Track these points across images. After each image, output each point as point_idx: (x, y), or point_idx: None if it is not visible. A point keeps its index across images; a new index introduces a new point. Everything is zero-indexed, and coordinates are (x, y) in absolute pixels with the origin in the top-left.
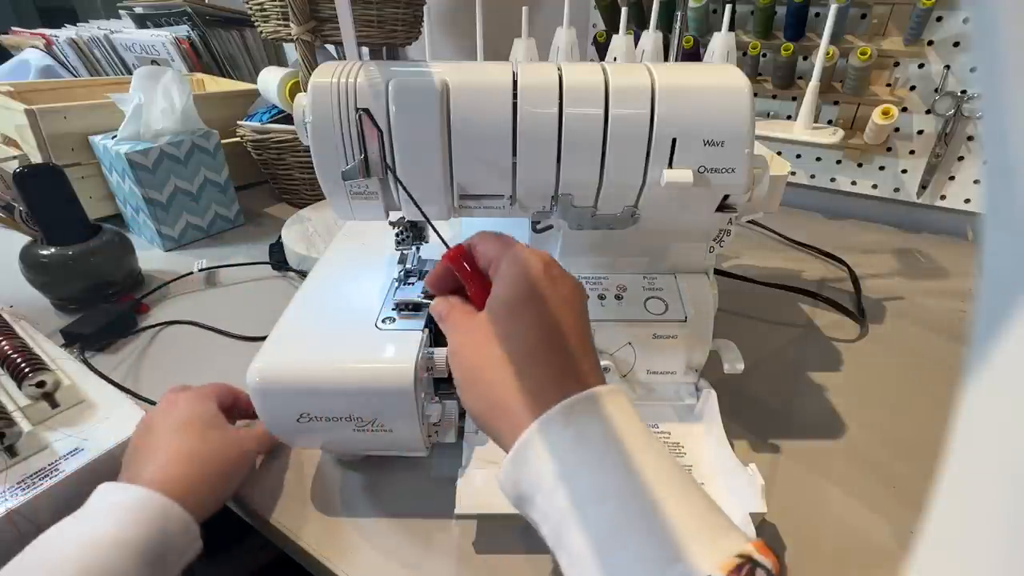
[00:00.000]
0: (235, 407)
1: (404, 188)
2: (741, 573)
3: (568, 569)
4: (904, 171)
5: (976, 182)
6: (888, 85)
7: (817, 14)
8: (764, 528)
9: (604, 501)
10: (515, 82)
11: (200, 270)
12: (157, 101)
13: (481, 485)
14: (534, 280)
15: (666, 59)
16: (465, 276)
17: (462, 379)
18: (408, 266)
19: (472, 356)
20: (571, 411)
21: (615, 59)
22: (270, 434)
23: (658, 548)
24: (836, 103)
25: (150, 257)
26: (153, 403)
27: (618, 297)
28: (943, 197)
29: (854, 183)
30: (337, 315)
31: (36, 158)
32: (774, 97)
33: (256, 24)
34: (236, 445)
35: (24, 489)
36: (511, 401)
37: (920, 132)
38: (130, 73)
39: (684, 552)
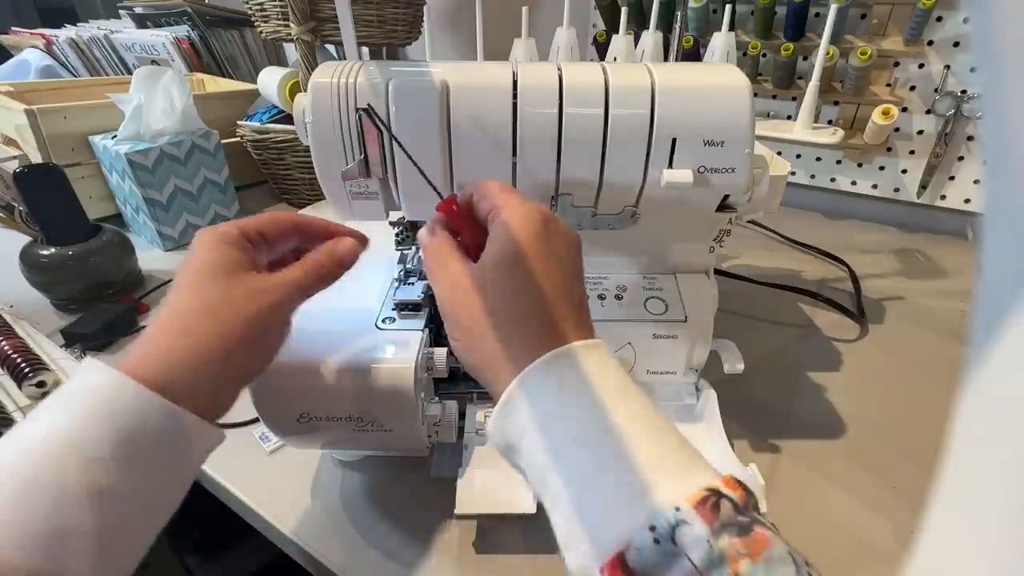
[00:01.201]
0: (276, 239)
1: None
2: (707, 504)
3: (551, 511)
4: (904, 171)
5: (976, 182)
6: (888, 85)
7: (817, 14)
8: None
9: (581, 445)
10: (515, 82)
11: None
12: (157, 101)
13: (481, 485)
14: (529, 241)
15: (666, 59)
16: (458, 225)
17: (452, 332)
18: (408, 266)
19: (461, 312)
20: (551, 365)
21: (615, 59)
22: (308, 275)
23: (631, 484)
24: (836, 103)
25: (150, 257)
26: None
27: (618, 297)
28: (943, 197)
29: (854, 183)
30: (337, 315)
31: (36, 158)
32: (774, 97)
33: (256, 24)
34: (251, 298)
35: None
36: (499, 359)
37: (920, 132)
38: (130, 73)
39: (655, 487)
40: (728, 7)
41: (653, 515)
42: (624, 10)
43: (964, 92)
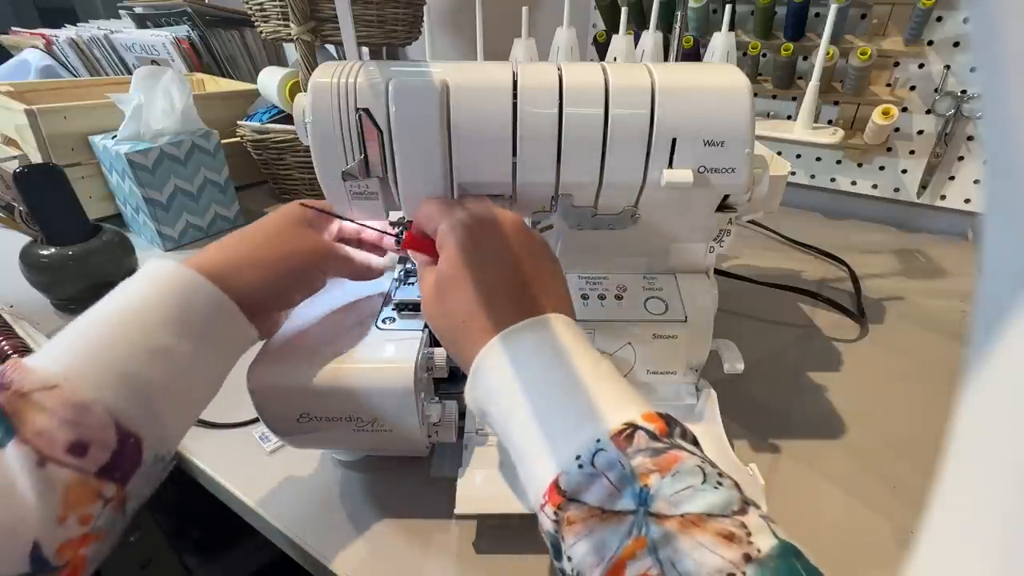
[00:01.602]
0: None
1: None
2: (622, 436)
3: (515, 459)
4: (904, 171)
5: (976, 182)
6: (888, 85)
7: (817, 14)
8: None
9: (530, 401)
10: (515, 82)
11: None
12: (157, 101)
13: (481, 485)
14: (460, 253)
15: (666, 59)
16: (426, 251)
17: (438, 336)
18: (408, 266)
19: (435, 319)
20: (506, 339)
21: (615, 59)
22: (349, 255)
23: (567, 427)
24: (836, 103)
25: (150, 257)
26: None
27: (618, 297)
28: (943, 197)
29: (854, 183)
30: (337, 315)
31: (36, 158)
32: (774, 97)
33: (256, 24)
34: (296, 239)
35: None
36: (465, 347)
37: (920, 132)
38: (130, 73)
39: (585, 426)
40: (728, 7)
41: (580, 448)
42: (624, 10)
43: (964, 92)
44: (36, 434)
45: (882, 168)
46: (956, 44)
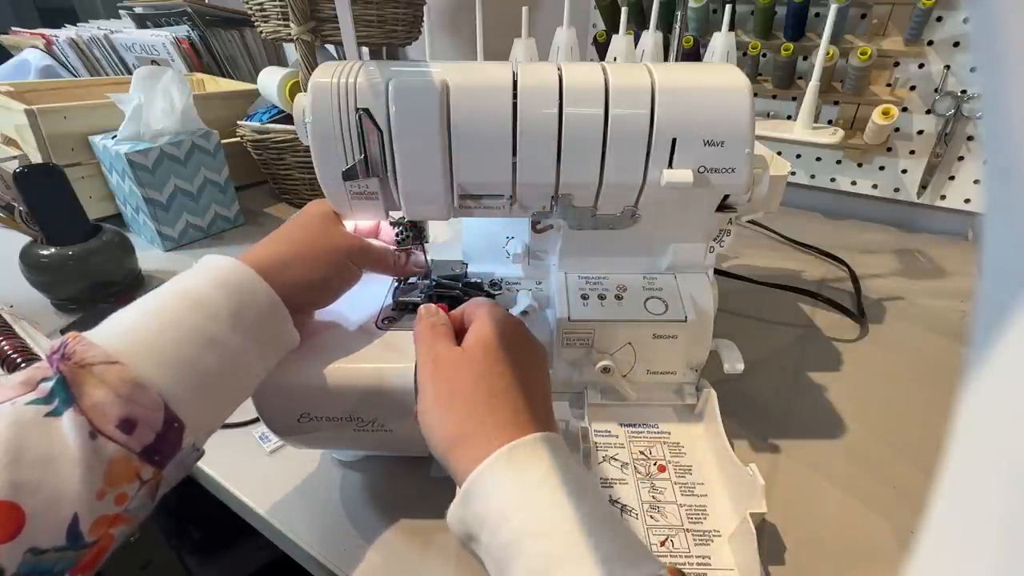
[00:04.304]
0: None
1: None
2: None
3: None
4: (904, 171)
5: (976, 182)
6: (888, 85)
7: (817, 14)
8: (764, 528)
9: (541, 536)
10: (515, 82)
11: None
12: (157, 101)
13: None
14: (504, 337)
15: (666, 59)
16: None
17: (423, 404)
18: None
19: (439, 384)
20: (511, 456)
21: (615, 59)
22: (382, 249)
23: (588, 573)
24: (836, 103)
25: (150, 257)
26: None
27: (618, 297)
28: (943, 197)
29: (854, 183)
30: (338, 315)
31: (36, 158)
32: (774, 97)
33: (256, 24)
34: (334, 237)
35: None
36: (465, 437)
37: (920, 132)
38: (130, 73)
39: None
40: (728, 7)
41: None
42: (624, 10)
43: (964, 92)
44: (92, 406)
45: (882, 168)
46: (956, 44)
